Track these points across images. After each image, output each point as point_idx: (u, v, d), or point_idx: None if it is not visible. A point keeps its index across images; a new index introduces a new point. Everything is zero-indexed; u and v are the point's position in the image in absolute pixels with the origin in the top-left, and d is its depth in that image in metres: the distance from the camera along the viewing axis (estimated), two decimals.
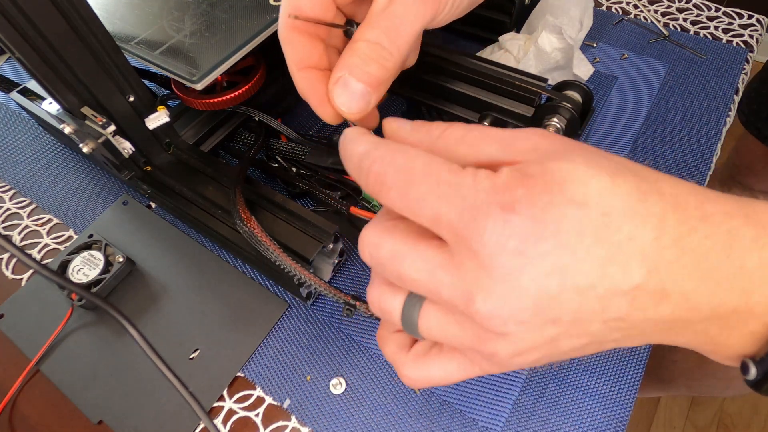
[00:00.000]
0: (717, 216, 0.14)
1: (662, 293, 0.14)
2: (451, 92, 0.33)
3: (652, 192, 0.14)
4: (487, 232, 0.14)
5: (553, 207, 0.14)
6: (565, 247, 0.14)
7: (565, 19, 0.42)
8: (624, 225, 0.14)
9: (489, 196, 0.14)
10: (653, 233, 0.14)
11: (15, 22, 0.24)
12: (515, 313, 0.14)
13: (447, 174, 0.15)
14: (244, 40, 0.31)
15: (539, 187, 0.14)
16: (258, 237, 0.27)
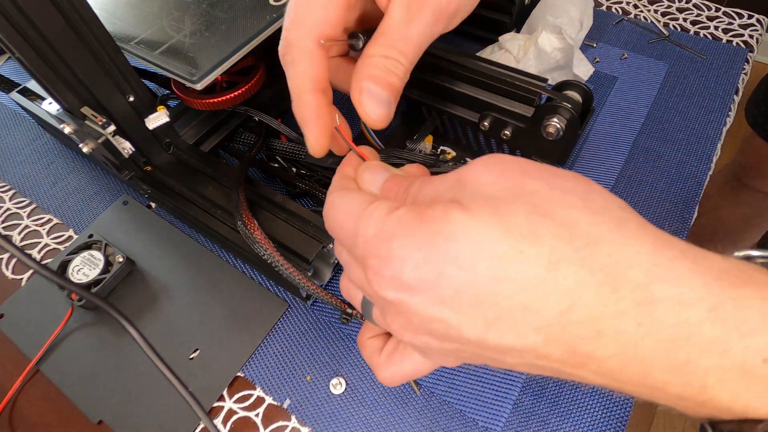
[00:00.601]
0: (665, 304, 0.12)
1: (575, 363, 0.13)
2: (451, 92, 0.33)
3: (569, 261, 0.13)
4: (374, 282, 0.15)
5: (428, 264, 0.14)
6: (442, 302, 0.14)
7: (565, 19, 0.42)
8: (517, 294, 0.13)
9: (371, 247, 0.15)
10: (559, 307, 0.13)
11: (15, 22, 0.24)
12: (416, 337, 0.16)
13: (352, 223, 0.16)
14: (244, 40, 0.31)
15: (420, 239, 0.14)
16: (259, 241, 0.27)
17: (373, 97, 0.19)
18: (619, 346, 0.12)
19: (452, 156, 0.37)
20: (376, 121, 0.20)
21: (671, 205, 0.36)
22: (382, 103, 0.20)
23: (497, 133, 0.32)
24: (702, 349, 0.12)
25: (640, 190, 0.37)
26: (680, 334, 0.12)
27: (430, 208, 0.15)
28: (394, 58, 0.19)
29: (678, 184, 0.37)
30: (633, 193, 0.37)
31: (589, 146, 0.40)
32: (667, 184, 0.37)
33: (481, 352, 0.15)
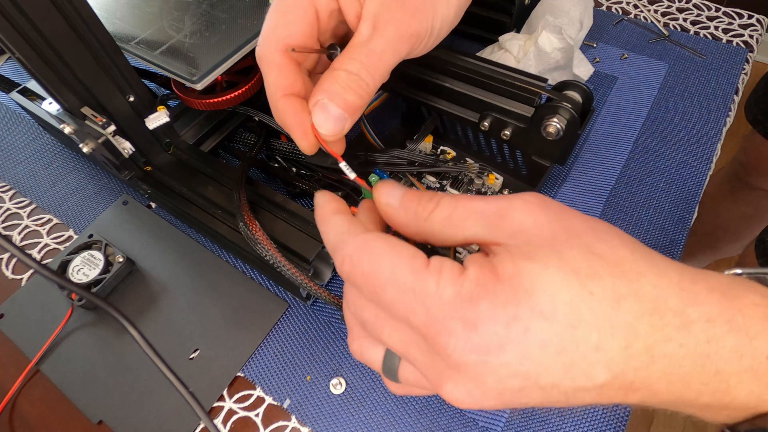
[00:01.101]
0: (697, 324, 0.14)
1: (630, 389, 0.14)
2: (451, 92, 0.33)
3: (628, 296, 0.14)
4: (450, 347, 0.14)
5: (516, 321, 0.14)
6: (528, 357, 0.14)
7: (565, 19, 0.42)
8: (592, 335, 0.14)
9: (452, 309, 0.15)
10: (623, 342, 0.14)
11: (15, 22, 0.24)
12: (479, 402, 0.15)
13: (411, 279, 0.15)
14: (244, 40, 0.31)
15: (504, 297, 0.14)
16: (261, 242, 0.27)
17: (325, 111, 0.20)
18: (667, 367, 0.14)
19: (452, 156, 0.37)
20: (325, 135, 0.20)
21: (671, 205, 0.36)
22: (334, 119, 0.20)
23: (497, 133, 0.32)
24: (726, 358, 0.14)
25: (640, 190, 0.37)
26: (711, 348, 0.14)
27: (500, 264, 0.15)
28: (356, 72, 0.20)
29: (678, 184, 0.37)
30: (633, 193, 0.37)
31: (589, 146, 0.40)
32: (667, 184, 0.37)
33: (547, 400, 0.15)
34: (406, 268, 0.15)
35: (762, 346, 0.14)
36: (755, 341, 0.14)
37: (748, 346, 0.14)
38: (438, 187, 0.35)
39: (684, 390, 0.14)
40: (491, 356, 0.14)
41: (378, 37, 0.20)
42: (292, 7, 0.21)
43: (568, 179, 0.38)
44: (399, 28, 0.20)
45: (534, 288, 0.14)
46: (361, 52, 0.20)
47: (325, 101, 0.20)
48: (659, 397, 0.15)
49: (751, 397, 0.14)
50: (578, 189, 0.37)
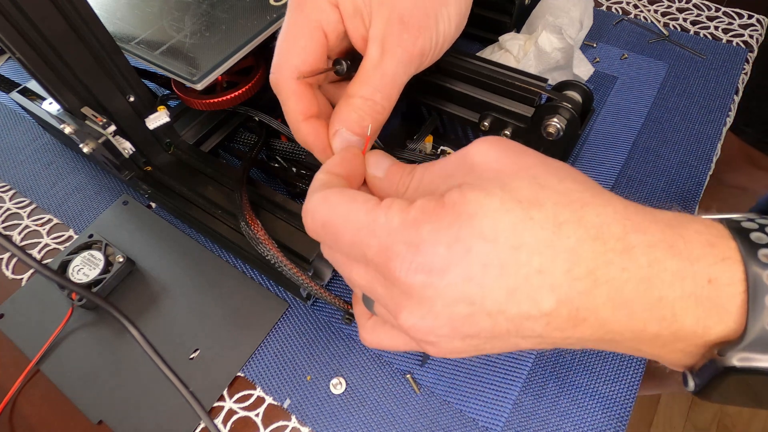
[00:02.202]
0: (638, 248, 0.14)
1: (577, 319, 0.15)
2: (451, 92, 0.33)
3: (570, 222, 0.15)
4: (396, 270, 0.15)
5: (458, 242, 0.15)
6: (471, 279, 0.15)
7: (565, 19, 0.42)
8: (534, 258, 0.14)
9: (397, 234, 0.15)
10: (565, 265, 0.14)
11: (15, 23, 0.24)
12: (434, 329, 0.16)
13: (364, 217, 0.16)
14: (245, 40, 0.31)
15: (447, 221, 0.15)
16: (263, 242, 0.27)
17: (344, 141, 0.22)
18: (610, 291, 0.14)
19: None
20: None
21: (671, 205, 0.36)
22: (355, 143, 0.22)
23: (497, 133, 0.32)
24: (668, 282, 0.14)
25: (640, 190, 0.37)
26: (652, 272, 0.14)
27: (447, 194, 0.16)
28: (370, 97, 0.21)
29: (678, 184, 0.37)
30: (633, 193, 0.37)
31: (589, 146, 0.40)
32: (667, 184, 0.37)
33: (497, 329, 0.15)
34: (359, 210, 0.16)
35: (703, 270, 0.14)
36: (696, 265, 0.14)
37: (689, 270, 0.14)
38: None
39: (629, 319, 0.15)
40: (435, 277, 0.15)
41: (388, 59, 0.21)
42: (303, 34, 0.22)
43: None
44: (406, 48, 0.21)
45: (476, 212, 0.15)
46: (374, 76, 0.21)
47: (344, 131, 0.22)
48: (607, 328, 0.15)
49: (698, 325, 0.14)
50: None
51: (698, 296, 0.14)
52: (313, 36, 0.22)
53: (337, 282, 0.34)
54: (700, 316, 0.14)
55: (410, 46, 0.21)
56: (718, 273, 0.14)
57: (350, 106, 0.21)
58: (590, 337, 0.15)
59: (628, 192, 0.37)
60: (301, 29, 0.22)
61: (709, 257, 0.14)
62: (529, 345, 0.16)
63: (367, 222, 0.16)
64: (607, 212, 0.15)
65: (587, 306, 0.14)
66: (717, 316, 0.14)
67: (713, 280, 0.14)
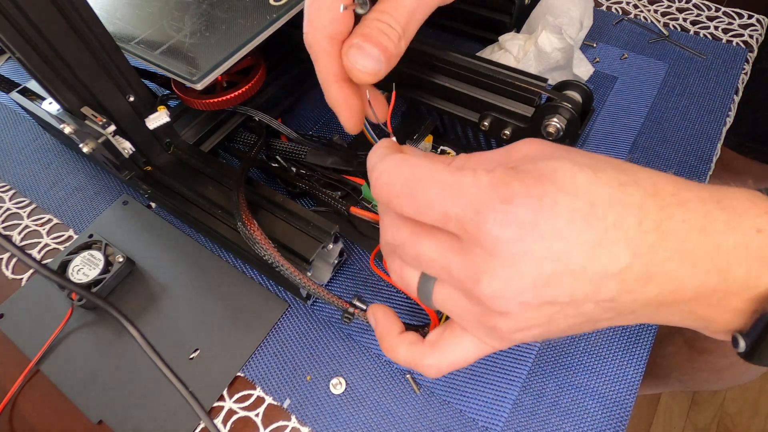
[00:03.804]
0: (692, 202, 0.16)
1: (647, 275, 0.15)
2: (451, 92, 0.33)
3: (631, 183, 0.16)
4: (489, 223, 0.16)
5: (546, 196, 0.15)
6: (558, 232, 0.15)
7: (565, 19, 0.42)
8: (609, 213, 0.15)
9: (489, 191, 0.16)
10: (635, 219, 0.15)
11: (15, 22, 0.24)
12: (516, 294, 0.16)
13: (449, 176, 0.17)
14: (244, 40, 0.31)
15: (532, 180, 0.16)
16: (260, 242, 0.27)
17: (362, 50, 0.21)
18: (675, 244, 0.15)
19: (452, 155, 0.37)
20: (362, 73, 0.21)
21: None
22: (371, 57, 0.21)
23: (497, 133, 0.32)
24: (722, 231, 0.15)
25: None
26: (707, 222, 0.15)
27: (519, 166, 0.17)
28: (387, 22, 0.21)
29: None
30: None
31: (589, 146, 0.40)
32: None
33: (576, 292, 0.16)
34: (444, 170, 0.17)
35: (751, 222, 0.15)
36: (744, 217, 0.15)
37: (738, 221, 0.15)
38: None
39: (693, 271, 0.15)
40: (527, 230, 0.15)
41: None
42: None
43: None
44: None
45: (555, 173, 0.16)
46: (392, 7, 0.21)
47: (361, 42, 0.21)
48: (673, 285, 0.15)
49: (750, 275, 0.15)
50: None
51: (748, 245, 0.15)
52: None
53: (336, 282, 0.34)
54: (751, 265, 0.15)
55: None
56: (764, 224, 0.15)
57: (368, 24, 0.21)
58: (656, 297, 0.16)
59: None
60: None
61: (753, 211, 0.15)
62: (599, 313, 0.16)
63: (454, 180, 0.16)
64: (657, 175, 0.16)
65: (656, 260, 0.15)
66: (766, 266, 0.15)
67: (762, 230, 0.15)
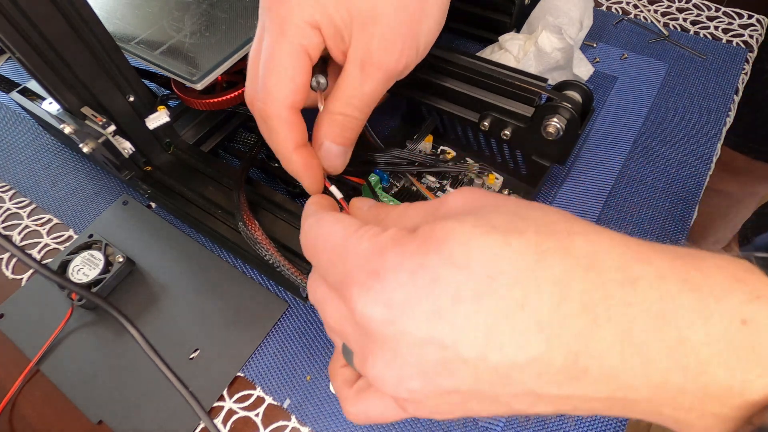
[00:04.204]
0: (645, 280, 0.12)
1: (576, 368, 0.12)
2: (451, 92, 0.33)
3: (555, 251, 0.13)
4: (353, 299, 0.14)
5: (424, 269, 0.13)
6: (439, 314, 0.13)
7: (565, 19, 0.42)
8: (514, 289, 0.12)
9: (362, 261, 0.14)
10: (552, 298, 0.12)
11: (15, 23, 0.24)
12: (400, 380, 0.14)
13: (340, 239, 0.15)
14: (244, 40, 0.31)
15: (413, 247, 0.13)
16: (261, 242, 0.27)
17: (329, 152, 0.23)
18: (615, 333, 0.12)
19: (452, 156, 0.37)
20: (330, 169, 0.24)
21: (671, 205, 0.36)
22: (338, 156, 0.24)
23: (497, 133, 0.32)
24: (688, 322, 0.12)
25: (640, 190, 0.37)
26: (665, 308, 0.12)
27: (420, 228, 0.14)
28: (351, 115, 0.22)
29: (678, 184, 0.37)
30: (633, 193, 0.37)
31: (588, 146, 0.40)
32: (667, 184, 0.37)
33: (480, 383, 0.13)
34: (338, 232, 0.16)
35: (733, 310, 0.11)
36: (723, 303, 0.12)
37: (714, 307, 0.12)
38: (438, 187, 0.35)
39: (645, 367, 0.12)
40: (395, 309, 0.13)
41: (369, 81, 0.22)
42: (290, 61, 0.21)
43: (568, 179, 0.38)
44: (387, 69, 0.22)
45: (445, 237, 0.13)
46: (353, 96, 0.22)
47: (329, 144, 0.23)
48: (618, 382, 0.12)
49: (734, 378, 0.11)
50: (578, 189, 0.37)
51: (730, 341, 0.11)
52: (301, 62, 0.21)
53: None
54: (735, 366, 0.11)
55: (392, 67, 0.22)
56: (753, 313, 0.11)
57: (332, 121, 0.22)
58: (597, 395, 0.12)
59: (628, 192, 0.37)
60: (287, 56, 0.21)
61: (738, 294, 0.12)
62: (524, 407, 0.14)
63: (340, 242, 0.15)
64: (600, 240, 0.13)
65: (588, 351, 0.12)
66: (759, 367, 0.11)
67: (748, 322, 0.11)
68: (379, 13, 0.21)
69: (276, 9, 0.21)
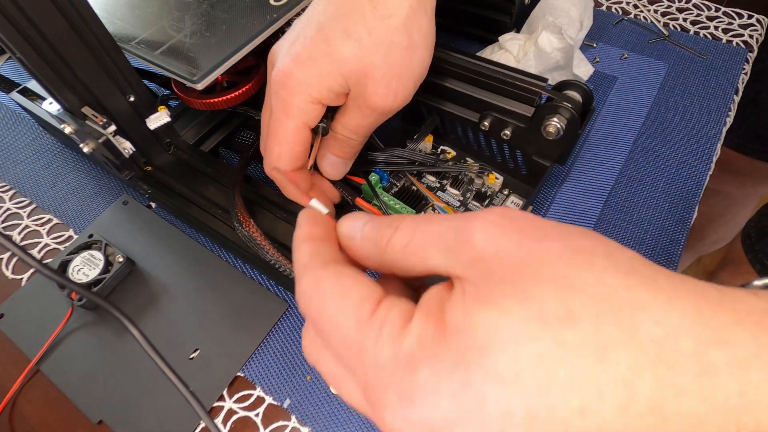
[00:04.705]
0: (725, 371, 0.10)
1: None
2: (451, 92, 0.33)
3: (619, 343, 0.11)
4: (387, 424, 0.12)
5: (467, 390, 0.11)
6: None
7: (565, 19, 0.42)
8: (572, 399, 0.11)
9: (388, 377, 0.12)
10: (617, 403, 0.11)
11: (16, 22, 0.24)
12: None
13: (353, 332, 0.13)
14: (245, 40, 0.31)
15: (450, 361, 0.11)
16: (256, 240, 0.27)
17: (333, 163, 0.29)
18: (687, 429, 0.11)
19: (452, 155, 0.37)
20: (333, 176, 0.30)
21: (671, 205, 0.36)
22: (339, 166, 0.29)
23: (497, 133, 0.32)
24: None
25: (640, 190, 0.37)
26: (746, 401, 0.10)
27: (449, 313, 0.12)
28: (353, 138, 0.28)
29: (678, 184, 0.37)
30: (633, 193, 0.37)
31: (588, 146, 0.40)
32: (667, 184, 0.37)
33: None
34: (350, 318, 0.13)
35: None
36: None
37: None
38: (438, 187, 0.35)
39: None
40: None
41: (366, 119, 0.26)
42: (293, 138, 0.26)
43: (568, 179, 0.38)
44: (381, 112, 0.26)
45: (489, 344, 0.11)
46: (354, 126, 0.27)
47: (332, 156, 0.29)
48: None
49: None
50: (578, 189, 0.37)
51: None
52: (301, 136, 0.26)
53: None
54: None
55: (387, 108, 0.26)
56: None
57: (336, 140, 0.28)
58: None
59: (628, 192, 0.37)
60: (290, 134, 0.25)
61: None
62: None
63: (354, 336, 0.13)
64: (670, 318, 0.11)
65: None
66: None
67: None
68: (369, 68, 0.24)
69: (280, 93, 0.25)
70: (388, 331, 0.13)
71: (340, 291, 0.14)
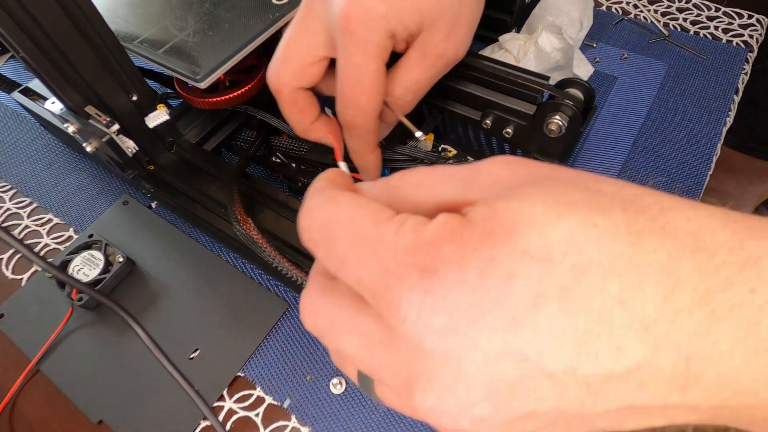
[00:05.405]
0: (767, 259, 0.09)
1: (687, 375, 0.10)
2: (453, 90, 0.33)
3: (652, 231, 0.10)
4: (404, 306, 0.11)
5: (494, 265, 0.10)
6: (517, 320, 0.10)
7: (565, 19, 0.42)
8: (610, 282, 0.10)
9: (408, 256, 0.11)
10: (659, 291, 0.09)
11: (20, 22, 0.25)
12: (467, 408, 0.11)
13: (369, 227, 0.12)
14: (247, 39, 0.31)
15: (476, 239, 0.11)
16: (254, 239, 0.27)
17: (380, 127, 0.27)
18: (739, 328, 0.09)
19: (453, 154, 0.37)
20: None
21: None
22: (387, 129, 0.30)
23: (499, 132, 0.32)
24: None
25: None
26: None
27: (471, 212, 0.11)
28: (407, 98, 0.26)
29: (678, 184, 0.37)
30: None
31: (589, 146, 0.40)
32: (667, 184, 0.37)
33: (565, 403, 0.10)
34: (366, 218, 0.12)
35: None
36: None
37: None
38: None
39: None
40: (462, 318, 0.10)
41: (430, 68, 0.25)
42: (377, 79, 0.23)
43: None
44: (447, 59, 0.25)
45: (516, 224, 0.10)
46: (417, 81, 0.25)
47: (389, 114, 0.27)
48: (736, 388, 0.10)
49: None
50: None
51: None
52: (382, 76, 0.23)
53: None
54: None
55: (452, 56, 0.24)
56: None
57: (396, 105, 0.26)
58: (707, 403, 0.10)
59: None
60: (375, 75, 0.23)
61: None
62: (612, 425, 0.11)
63: (371, 234, 0.12)
64: (699, 215, 0.10)
65: (704, 352, 0.09)
66: None
67: None
68: (446, 10, 0.23)
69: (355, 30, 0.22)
70: (411, 224, 0.11)
71: (356, 201, 0.13)
